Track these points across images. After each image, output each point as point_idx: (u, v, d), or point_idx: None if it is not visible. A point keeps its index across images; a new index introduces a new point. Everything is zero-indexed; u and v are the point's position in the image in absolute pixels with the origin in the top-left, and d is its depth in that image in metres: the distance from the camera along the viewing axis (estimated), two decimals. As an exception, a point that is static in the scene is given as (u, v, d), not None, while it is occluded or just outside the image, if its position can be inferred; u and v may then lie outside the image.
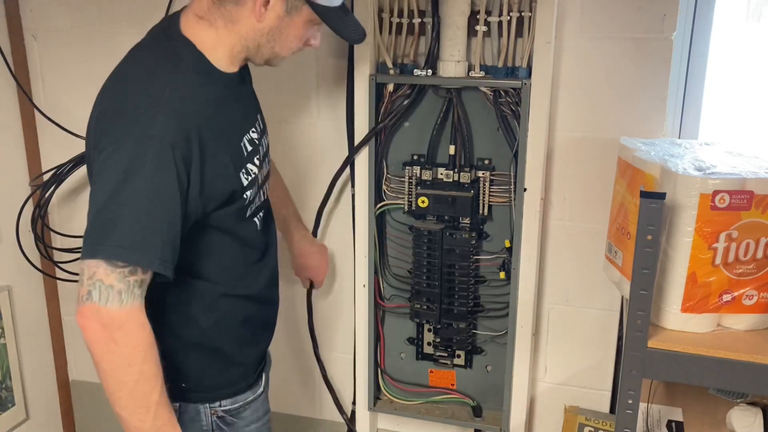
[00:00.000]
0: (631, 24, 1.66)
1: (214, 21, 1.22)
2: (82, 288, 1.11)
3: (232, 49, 1.25)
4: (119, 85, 1.23)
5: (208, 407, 1.36)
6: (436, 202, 1.81)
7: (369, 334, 1.95)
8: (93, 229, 1.12)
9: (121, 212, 1.10)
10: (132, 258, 1.11)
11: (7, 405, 2.22)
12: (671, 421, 1.60)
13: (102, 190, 1.12)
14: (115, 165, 1.12)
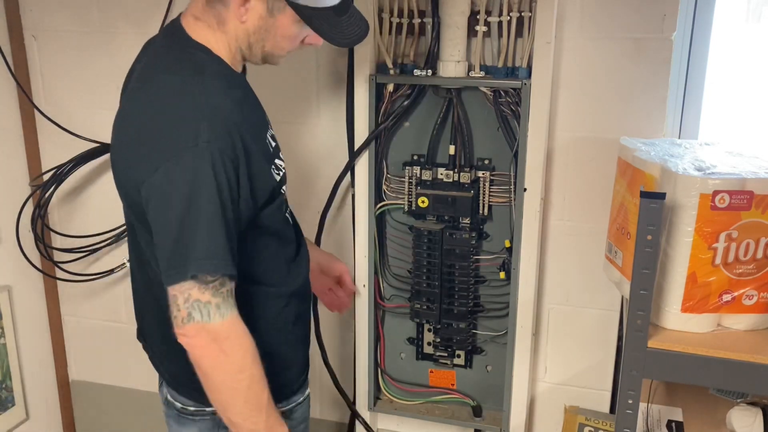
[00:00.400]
0: (631, 24, 1.66)
1: (210, 22, 1.23)
2: (181, 312, 1.13)
3: (230, 49, 1.25)
4: (148, 102, 1.20)
5: None
6: (436, 202, 1.81)
7: (369, 334, 1.95)
8: (173, 251, 1.12)
9: (197, 228, 1.11)
10: (219, 269, 1.12)
11: (7, 405, 2.22)
12: (671, 421, 1.60)
13: (170, 209, 1.12)
14: (176, 182, 1.11)
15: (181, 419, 1.40)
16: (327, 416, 2.23)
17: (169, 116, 1.15)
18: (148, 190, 1.14)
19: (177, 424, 1.43)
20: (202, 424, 1.38)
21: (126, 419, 2.43)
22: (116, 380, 2.41)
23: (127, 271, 2.26)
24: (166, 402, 1.44)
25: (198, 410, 1.38)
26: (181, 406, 1.39)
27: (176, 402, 1.40)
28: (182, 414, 1.40)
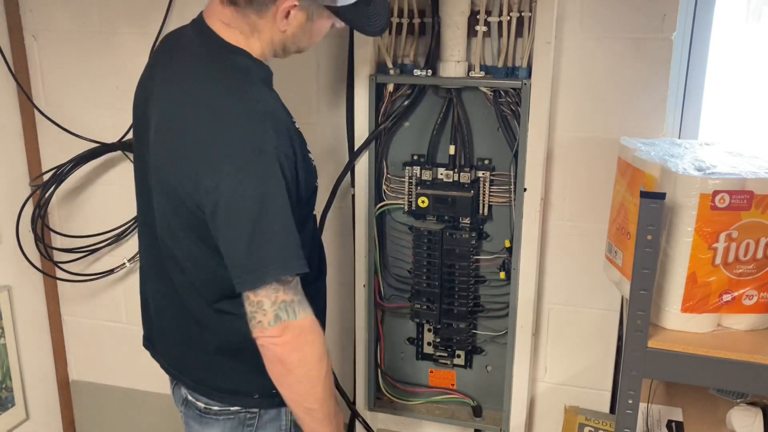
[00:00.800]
0: (631, 24, 1.66)
1: (242, 29, 1.24)
2: (267, 315, 1.16)
3: (263, 53, 1.27)
4: (202, 111, 1.19)
5: (289, 408, 1.36)
6: (436, 202, 1.81)
7: (369, 334, 1.95)
8: (250, 255, 1.14)
9: (274, 232, 1.14)
10: (296, 268, 1.16)
11: (7, 405, 2.22)
12: (671, 421, 1.60)
13: (245, 215, 1.14)
14: (249, 189, 1.13)
15: (204, 419, 1.39)
16: (327, 416, 2.23)
17: (233, 122, 1.16)
18: (216, 197, 1.14)
19: (198, 425, 1.41)
20: (226, 423, 1.38)
21: (126, 419, 2.44)
22: (116, 380, 2.41)
23: (127, 271, 2.26)
24: (185, 402, 1.43)
25: (222, 409, 1.37)
26: (204, 407, 1.38)
27: (198, 402, 1.39)
28: (205, 414, 1.39)
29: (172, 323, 1.39)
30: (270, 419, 1.38)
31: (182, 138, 1.21)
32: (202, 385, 1.38)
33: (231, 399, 1.36)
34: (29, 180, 2.21)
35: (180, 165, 1.21)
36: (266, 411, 1.37)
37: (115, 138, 2.09)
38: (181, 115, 1.22)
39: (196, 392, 1.38)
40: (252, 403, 1.36)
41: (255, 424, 1.37)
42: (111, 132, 2.10)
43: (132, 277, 2.28)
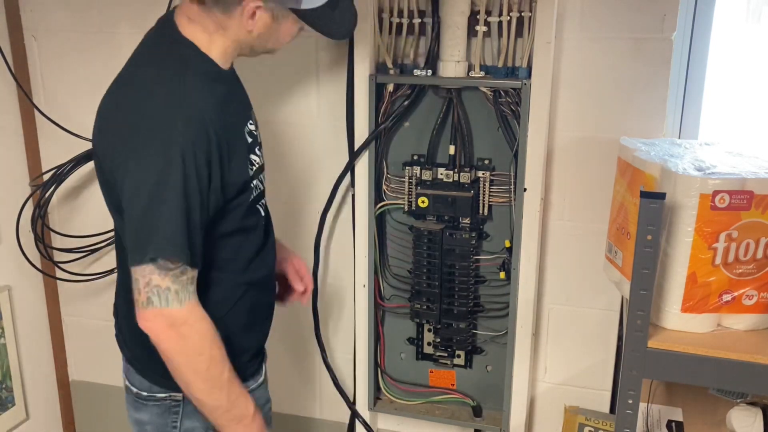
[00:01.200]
0: (631, 24, 1.66)
1: (206, 25, 1.25)
2: (140, 295, 1.18)
3: (225, 50, 1.28)
4: (131, 92, 1.24)
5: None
6: (436, 202, 1.81)
7: (369, 334, 1.95)
8: (137, 235, 1.18)
9: (161, 216, 1.16)
10: (177, 255, 1.17)
11: (7, 405, 2.22)
12: (671, 421, 1.60)
13: (137, 197, 1.17)
14: (146, 173, 1.16)
15: (137, 404, 1.44)
16: (327, 416, 2.23)
17: (148, 110, 1.19)
18: (122, 178, 1.19)
19: (133, 409, 1.46)
20: (154, 409, 1.41)
21: (126, 419, 2.43)
22: (116, 380, 2.39)
23: (127, 271, 2.26)
24: (126, 387, 1.47)
25: (150, 396, 1.41)
26: (136, 391, 1.43)
27: (132, 387, 1.43)
28: (137, 399, 1.43)
29: (122, 296, 1.42)
30: (195, 408, 1.36)
31: (108, 123, 1.27)
32: (137, 361, 1.41)
33: (159, 381, 1.37)
34: (29, 180, 2.21)
35: (105, 148, 1.27)
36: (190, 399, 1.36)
37: (115, 138, 2.09)
38: (113, 101, 1.28)
39: (132, 366, 1.41)
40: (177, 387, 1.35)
41: (180, 412, 1.40)
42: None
43: (132, 277, 2.28)
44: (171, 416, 1.41)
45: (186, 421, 1.40)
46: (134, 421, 1.47)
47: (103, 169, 1.28)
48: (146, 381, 1.40)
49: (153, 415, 1.42)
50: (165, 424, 1.41)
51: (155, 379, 1.39)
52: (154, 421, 1.42)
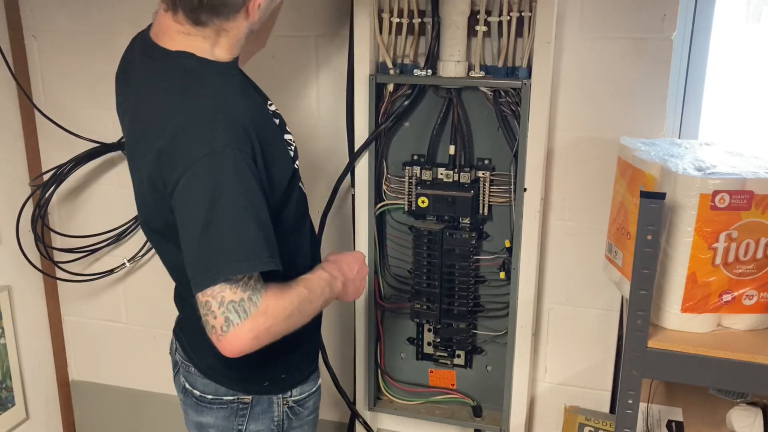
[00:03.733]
0: (631, 24, 1.66)
1: (206, 34, 1.22)
2: (218, 319, 1.12)
3: (231, 48, 1.26)
4: (160, 113, 1.19)
5: (281, 397, 1.40)
6: (436, 202, 1.81)
7: (369, 334, 1.95)
8: (202, 256, 1.12)
9: (223, 230, 1.11)
10: (249, 268, 1.12)
11: (7, 405, 2.22)
12: (671, 421, 1.60)
13: (195, 216, 1.12)
14: (199, 189, 1.11)
15: (199, 407, 1.42)
16: (327, 416, 2.23)
17: (181, 127, 1.15)
18: (173, 203, 1.15)
19: (194, 412, 1.44)
20: (219, 412, 1.40)
21: (126, 419, 2.44)
22: (116, 380, 2.41)
23: (127, 270, 2.26)
24: (183, 390, 1.46)
25: (216, 398, 1.40)
26: (199, 394, 1.41)
27: (195, 390, 1.42)
28: (200, 402, 1.42)
29: (187, 311, 1.40)
30: (262, 410, 1.40)
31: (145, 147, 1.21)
32: (210, 370, 1.40)
33: (234, 384, 1.38)
34: (29, 180, 2.21)
35: (152, 174, 1.20)
36: (258, 402, 1.39)
37: (115, 138, 2.09)
38: (141, 127, 1.23)
39: (206, 377, 1.39)
40: (262, 390, 1.38)
41: (247, 414, 1.40)
42: (111, 132, 2.10)
43: (132, 277, 2.28)
44: (238, 419, 1.40)
45: (252, 424, 1.40)
46: (195, 424, 1.44)
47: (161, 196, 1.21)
48: (212, 384, 1.39)
49: (218, 418, 1.41)
50: (230, 427, 1.40)
51: (228, 383, 1.38)
52: (219, 424, 1.41)
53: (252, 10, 1.21)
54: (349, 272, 1.38)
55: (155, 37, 1.25)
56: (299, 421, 1.46)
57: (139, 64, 1.28)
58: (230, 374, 1.38)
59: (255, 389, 1.39)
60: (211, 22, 1.20)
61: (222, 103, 1.17)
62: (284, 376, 1.41)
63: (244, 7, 1.20)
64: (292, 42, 1.90)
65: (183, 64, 1.22)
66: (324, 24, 1.88)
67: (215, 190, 1.11)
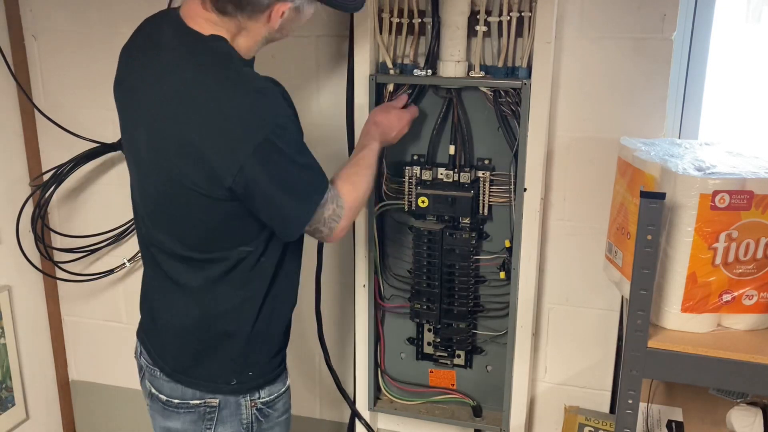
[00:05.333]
0: (631, 24, 1.66)
1: (229, 27, 1.27)
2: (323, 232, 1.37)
3: (249, 48, 1.32)
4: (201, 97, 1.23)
5: (249, 399, 1.42)
6: (436, 202, 1.81)
7: (369, 334, 1.95)
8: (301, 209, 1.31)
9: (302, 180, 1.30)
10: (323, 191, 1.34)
11: (7, 405, 2.22)
12: (671, 421, 1.60)
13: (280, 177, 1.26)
14: (270, 161, 1.23)
15: (166, 411, 1.43)
16: (327, 416, 2.24)
17: (236, 105, 1.21)
18: (244, 179, 1.22)
19: (161, 417, 1.45)
20: (186, 416, 1.41)
21: (126, 419, 2.44)
22: (116, 380, 2.41)
23: (127, 270, 2.26)
24: (150, 395, 1.47)
25: (182, 403, 1.41)
26: (166, 399, 1.42)
27: (161, 395, 1.43)
28: (167, 407, 1.43)
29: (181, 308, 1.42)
30: (230, 413, 1.41)
31: (190, 134, 1.23)
32: (178, 373, 1.41)
33: (204, 386, 1.40)
34: (29, 180, 2.21)
35: (192, 159, 1.23)
36: (226, 404, 1.40)
37: (115, 138, 2.09)
38: (179, 112, 1.23)
39: (173, 380, 1.41)
40: (230, 390, 1.40)
41: (215, 418, 1.41)
42: (111, 132, 2.10)
43: (132, 277, 2.28)
44: (205, 423, 1.41)
45: (220, 428, 1.41)
46: (162, 428, 1.46)
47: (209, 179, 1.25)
48: (179, 388, 1.41)
49: (186, 422, 1.42)
50: (198, 430, 1.42)
51: (195, 384, 1.40)
52: (187, 428, 1.42)
53: (275, 16, 1.25)
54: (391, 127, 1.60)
55: (186, 19, 1.28)
56: (269, 422, 1.46)
57: (171, 45, 1.29)
58: (197, 373, 1.40)
59: (223, 389, 1.40)
60: (234, 15, 1.24)
61: (262, 82, 1.26)
62: (251, 374, 1.42)
63: (268, 10, 1.24)
64: (292, 42, 1.90)
65: (219, 46, 1.26)
66: (324, 24, 1.88)
67: (289, 154, 1.25)
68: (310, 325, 2.06)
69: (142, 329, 1.52)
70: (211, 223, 1.30)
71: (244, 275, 1.36)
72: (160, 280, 1.42)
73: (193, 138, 1.22)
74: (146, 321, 1.50)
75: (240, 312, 1.38)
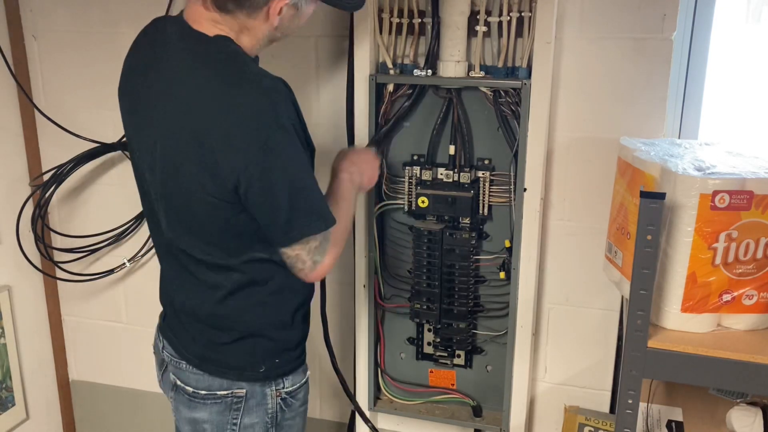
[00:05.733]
0: (631, 24, 1.66)
1: (231, 26, 1.28)
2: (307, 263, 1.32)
3: (252, 48, 1.32)
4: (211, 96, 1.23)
5: (274, 389, 1.44)
6: (436, 202, 1.81)
7: (369, 334, 1.95)
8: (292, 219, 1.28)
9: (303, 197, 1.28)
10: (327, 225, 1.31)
11: (7, 405, 2.22)
12: (671, 421, 1.60)
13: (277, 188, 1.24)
14: (275, 163, 1.23)
15: (192, 403, 1.43)
16: (327, 416, 2.24)
17: (245, 105, 1.21)
18: (247, 177, 1.22)
19: (187, 409, 1.45)
20: (213, 407, 1.42)
21: (126, 419, 2.44)
22: (116, 380, 2.41)
23: (127, 270, 2.26)
24: (174, 387, 1.47)
25: (209, 394, 1.41)
26: (192, 391, 1.43)
27: (187, 386, 1.43)
28: (193, 398, 1.43)
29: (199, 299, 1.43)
30: (256, 403, 1.42)
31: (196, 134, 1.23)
32: (207, 362, 1.42)
33: (231, 375, 1.41)
34: (29, 180, 2.21)
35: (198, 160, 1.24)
36: (252, 395, 1.42)
37: (115, 138, 2.09)
38: (188, 114, 1.24)
39: (200, 370, 1.42)
40: (258, 377, 1.42)
41: (241, 408, 1.42)
42: (111, 132, 2.10)
43: (132, 277, 2.28)
44: (232, 413, 1.43)
45: (246, 418, 1.43)
46: (188, 420, 1.46)
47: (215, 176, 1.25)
48: (206, 378, 1.42)
49: (212, 413, 1.43)
50: (225, 421, 1.43)
51: (223, 373, 1.41)
52: (214, 419, 1.43)
53: (273, 13, 1.26)
54: (366, 168, 1.54)
55: (190, 22, 1.29)
56: (292, 412, 1.49)
57: (177, 48, 1.29)
58: (226, 362, 1.41)
59: (251, 376, 1.41)
60: (234, 12, 1.25)
61: (273, 82, 1.25)
62: (278, 361, 1.44)
63: (266, 6, 1.25)
64: (292, 42, 1.90)
65: (226, 46, 1.27)
66: (324, 24, 1.88)
67: (291, 163, 1.25)
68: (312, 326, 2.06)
69: (166, 323, 1.52)
70: (223, 225, 1.31)
71: (264, 272, 1.37)
72: (181, 276, 1.43)
73: (200, 138, 1.22)
74: (169, 315, 1.51)
75: (264, 305, 1.40)
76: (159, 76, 1.29)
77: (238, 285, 1.37)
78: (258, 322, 1.41)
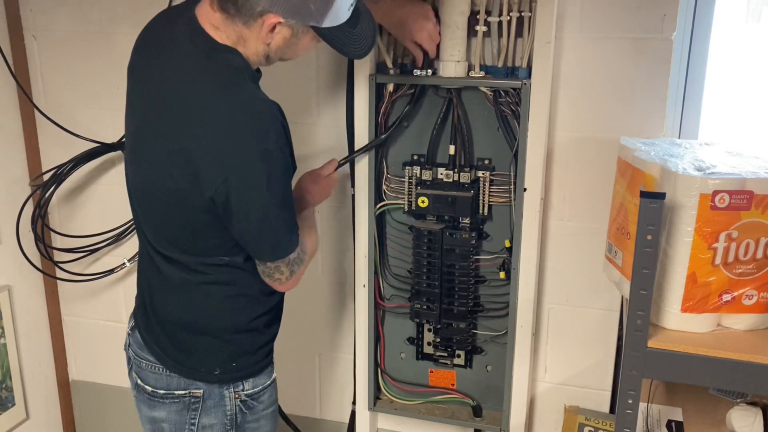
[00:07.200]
0: (631, 24, 1.66)
1: (229, 34, 1.28)
2: (284, 273, 1.38)
3: (249, 60, 1.31)
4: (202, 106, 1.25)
5: (232, 390, 1.44)
6: (436, 202, 1.81)
7: (369, 334, 1.95)
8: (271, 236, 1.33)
9: (281, 216, 1.31)
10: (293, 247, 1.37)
11: (7, 405, 2.22)
12: (671, 421, 1.60)
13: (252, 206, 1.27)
14: (253, 183, 1.25)
15: (152, 402, 1.46)
16: (327, 416, 2.24)
17: (234, 122, 1.23)
18: (225, 192, 1.24)
19: (147, 408, 1.48)
20: (171, 406, 1.44)
21: (126, 419, 2.43)
22: (116, 380, 2.41)
23: (127, 270, 2.26)
24: (136, 386, 1.50)
25: (167, 393, 1.44)
26: (151, 390, 1.45)
27: (146, 386, 1.46)
28: (152, 397, 1.46)
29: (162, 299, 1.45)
30: (214, 404, 1.43)
31: (182, 138, 1.26)
32: (165, 356, 1.44)
33: (192, 374, 1.43)
34: (29, 180, 2.21)
35: (179, 163, 1.26)
36: (210, 395, 1.43)
37: (115, 138, 2.09)
38: (179, 116, 1.26)
39: (159, 363, 1.44)
40: (213, 379, 1.42)
41: (199, 408, 1.43)
42: (111, 132, 2.10)
43: (132, 277, 2.28)
44: (190, 413, 1.44)
45: (204, 418, 1.44)
46: (148, 419, 1.49)
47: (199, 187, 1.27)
48: (164, 378, 1.43)
49: (170, 412, 1.45)
50: (183, 421, 1.44)
51: (179, 370, 1.42)
52: (172, 418, 1.45)
53: (266, 27, 1.24)
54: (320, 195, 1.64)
55: (200, 19, 1.29)
56: (254, 415, 1.48)
57: (186, 46, 1.29)
58: (182, 362, 1.43)
59: (206, 378, 1.42)
60: (233, 18, 1.24)
61: (266, 105, 1.26)
62: (235, 365, 1.44)
63: (260, 18, 1.23)
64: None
65: (233, 59, 1.27)
66: (324, 24, 1.88)
67: (271, 185, 1.26)
68: (310, 326, 2.06)
69: (135, 320, 1.54)
70: (191, 228, 1.33)
71: (226, 276, 1.39)
72: (150, 272, 1.45)
73: (185, 144, 1.25)
74: (138, 312, 1.53)
75: (223, 307, 1.42)
76: (163, 71, 1.30)
77: (198, 285, 1.39)
78: (215, 325, 1.43)
